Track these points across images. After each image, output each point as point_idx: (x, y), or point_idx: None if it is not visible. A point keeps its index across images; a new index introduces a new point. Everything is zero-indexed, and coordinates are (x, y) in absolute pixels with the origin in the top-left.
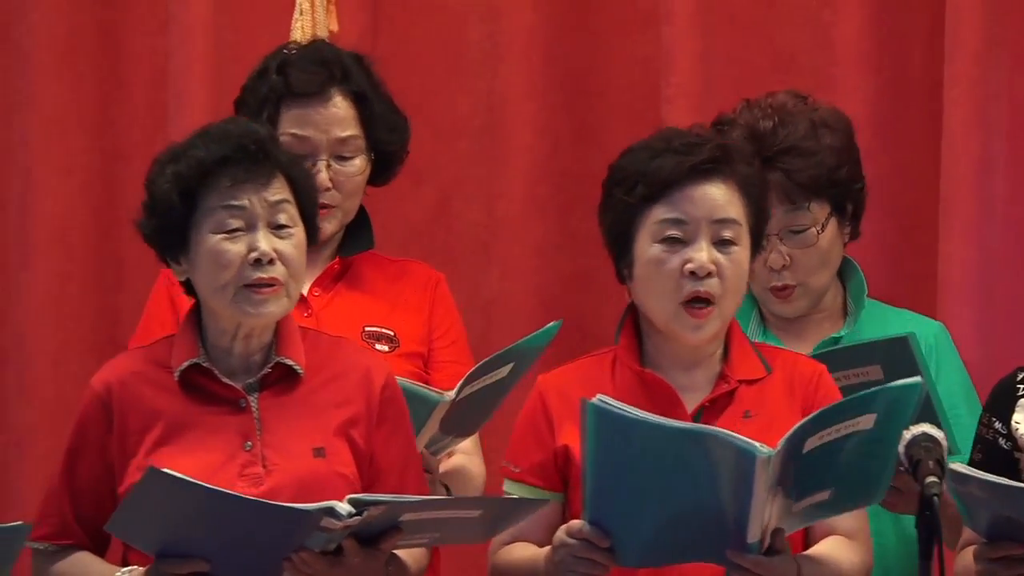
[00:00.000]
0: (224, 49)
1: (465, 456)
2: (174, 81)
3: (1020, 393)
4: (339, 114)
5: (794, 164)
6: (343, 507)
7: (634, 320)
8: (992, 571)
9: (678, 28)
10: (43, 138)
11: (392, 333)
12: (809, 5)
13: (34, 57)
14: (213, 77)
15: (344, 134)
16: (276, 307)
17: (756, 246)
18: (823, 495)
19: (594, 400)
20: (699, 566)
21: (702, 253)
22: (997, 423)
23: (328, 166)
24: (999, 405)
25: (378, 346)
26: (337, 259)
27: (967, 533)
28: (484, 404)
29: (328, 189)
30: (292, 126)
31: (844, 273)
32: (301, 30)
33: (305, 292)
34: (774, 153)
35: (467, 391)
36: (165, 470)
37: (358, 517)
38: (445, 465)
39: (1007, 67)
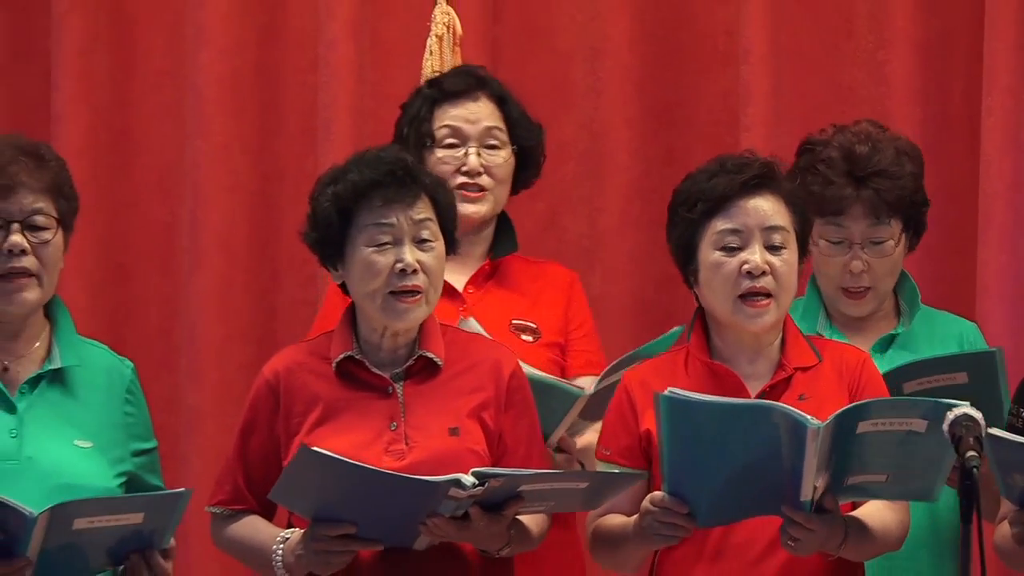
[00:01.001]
0: (365, 85)
1: (595, 434)
2: (322, 112)
3: None
4: (485, 109)
5: (883, 185)
6: (467, 479)
7: (702, 320)
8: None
9: (753, 67)
10: (211, 162)
11: (535, 326)
12: (866, 47)
13: (205, 93)
14: (355, 109)
15: (490, 124)
16: (417, 314)
17: (803, 248)
18: (879, 477)
19: (665, 392)
20: (760, 520)
21: (756, 256)
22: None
23: (478, 154)
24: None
25: (523, 336)
26: (487, 261)
27: (1004, 506)
28: (611, 395)
29: (480, 173)
30: (446, 120)
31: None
32: (431, 68)
33: (460, 289)
34: (867, 174)
35: (601, 385)
36: (315, 448)
37: (480, 488)
38: (580, 443)
39: None
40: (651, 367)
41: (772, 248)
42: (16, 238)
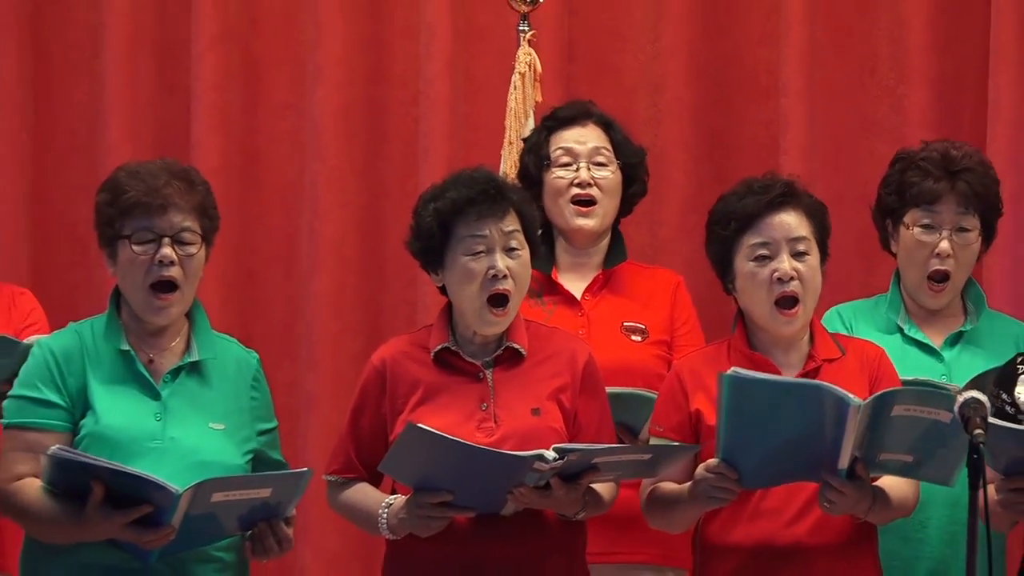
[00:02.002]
0: (458, 116)
1: None
2: (422, 140)
3: (1020, 372)
4: (593, 133)
5: (972, 179)
6: (549, 454)
7: (743, 318)
8: (1010, 499)
9: (791, 99)
10: (326, 181)
11: (643, 327)
12: (888, 83)
13: (321, 123)
14: (450, 136)
15: (598, 145)
16: (503, 324)
17: (823, 253)
18: (906, 457)
19: (728, 372)
20: (791, 488)
21: (784, 264)
22: (1004, 395)
23: (588, 168)
24: (1005, 381)
25: (633, 337)
26: (602, 271)
27: (989, 474)
28: None
29: (590, 185)
30: (560, 143)
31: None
32: (515, 100)
33: (579, 297)
34: (960, 169)
35: None
36: (420, 425)
37: (560, 461)
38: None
39: None
40: (699, 357)
41: (797, 255)
42: (167, 251)
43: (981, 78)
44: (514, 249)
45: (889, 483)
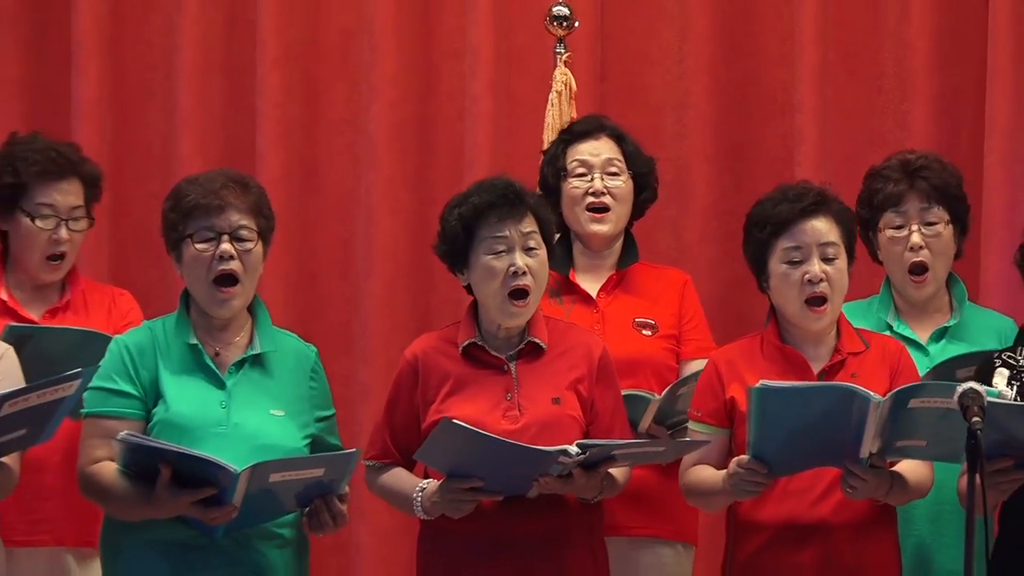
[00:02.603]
0: (500, 131)
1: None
2: (467, 152)
3: (996, 366)
4: (606, 145)
5: (931, 174)
6: (573, 449)
7: (775, 315)
8: (992, 481)
9: (805, 116)
10: (380, 191)
11: (653, 322)
12: (893, 100)
13: (375, 137)
14: (493, 149)
15: (610, 156)
16: (525, 315)
17: (851, 257)
18: (920, 442)
19: (757, 386)
20: (816, 471)
21: (814, 267)
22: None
23: (602, 178)
24: (984, 374)
25: (643, 332)
26: (615, 271)
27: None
28: (678, 400)
29: (604, 193)
30: (575, 155)
31: (948, 281)
32: (552, 116)
33: (594, 295)
34: (918, 167)
35: (683, 388)
36: (456, 420)
37: (583, 455)
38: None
39: None
40: (735, 349)
41: (826, 259)
42: (226, 246)
43: (979, 95)
44: (532, 248)
45: (906, 468)
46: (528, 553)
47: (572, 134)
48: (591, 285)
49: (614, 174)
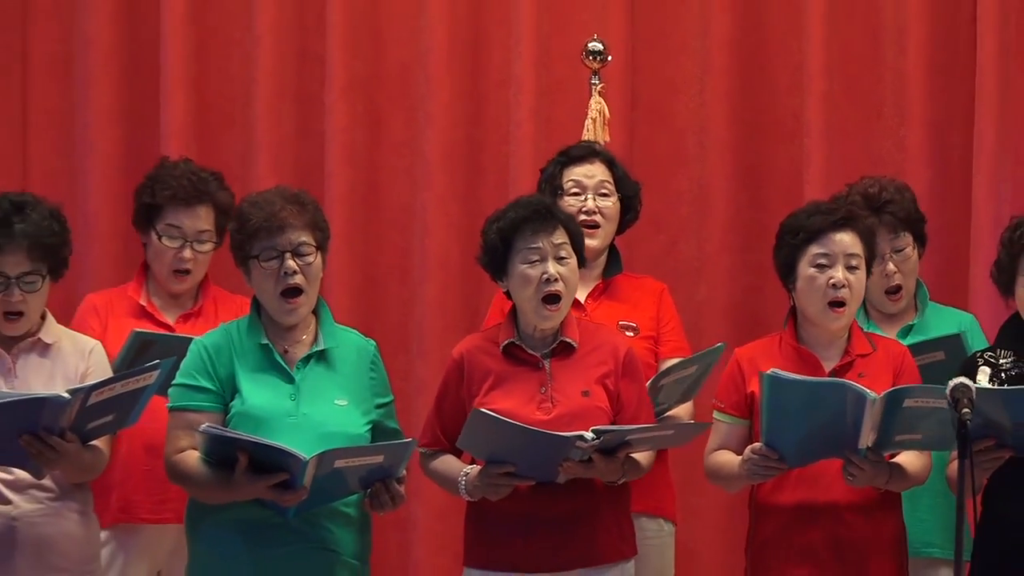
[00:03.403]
0: (541, 152)
1: (681, 409)
2: (512, 172)
3: (979, 364)
4: (598, 169)
5: (895, 208)
6: (588, 435)
7: (794, 317)
8: (975, 460)
9: (813, 139)
10: (434, 206)
11: (635, 325)
12: (891, 125)
13: (429, 159)
14: (535, 169)
15: (602, 179)
16: (558, 319)
17: (869, 269)
18: (916, 436)
19: (768, 372)
20: (828, 462)
21: (839, 274)
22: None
23: (594, 199)
24: (968, 370)
25: (627, 333)
26: (601, 280)
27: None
28: (685, 388)
29: (595, 212)
30: (571, 176)
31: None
32: (587, 139)
33: (583, 300)
34: (882, 204)
35: (671, 377)
36: (483, 409)
37: (597, 441)
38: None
39: (1011, 161)
40: (757, 347)
41: (849, 268)
42: (289, 263)
43: (968, 122)
44: (563, 257)
45: (905, 459)
46: (560, 530)
47: (568, 157)
48: (580, 292)
49: (605, 195)
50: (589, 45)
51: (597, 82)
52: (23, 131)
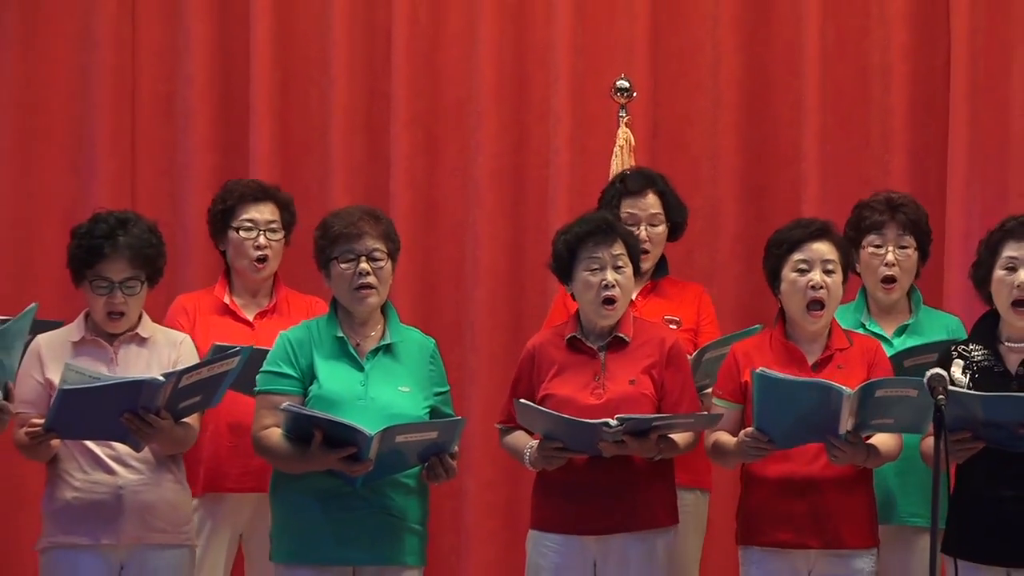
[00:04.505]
0: (576, 176)
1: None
2: (551, 192)
3: (953, 357)
4: (652, 200)
5: (908, 211)
6: (612, 422)
7: (783, 317)
8: (952, 448)
9: (809, 164)
10: (484, 222)
11: (678, 319)
12: (877, 153)
13: (480, 182)
14: (572, 190)
15: (655, 211)
16: (614, 317)
17: (845, 274)
18: (889, 420)
19: (757, 371)
20: (811, 446)
21: (817, 277)
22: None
23: (645, 230)
24: (944, 362)
25: (671, 326)
26: (649, 282)
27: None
28: (715, 364)
29: (647, 241)
30: (626, 208)
31: (909, 291)
32: (616, 164)
33: (634, 298)
34: (897, 205)
35: (705, 357)
36: (522, 400)
37: (620, 427)
38: None
39: (979, 183)
40: (750, 344)
41: (826, 272)
42: (364, 265)
43: (943, 150)
44: (620, 267)
45: (879, 440)
46: (608, 496)
47: (626, 188)
48: (633, 292)
49: (654, 225)
50: (617, 83)
51: (624, 115)
52: (132, 157)
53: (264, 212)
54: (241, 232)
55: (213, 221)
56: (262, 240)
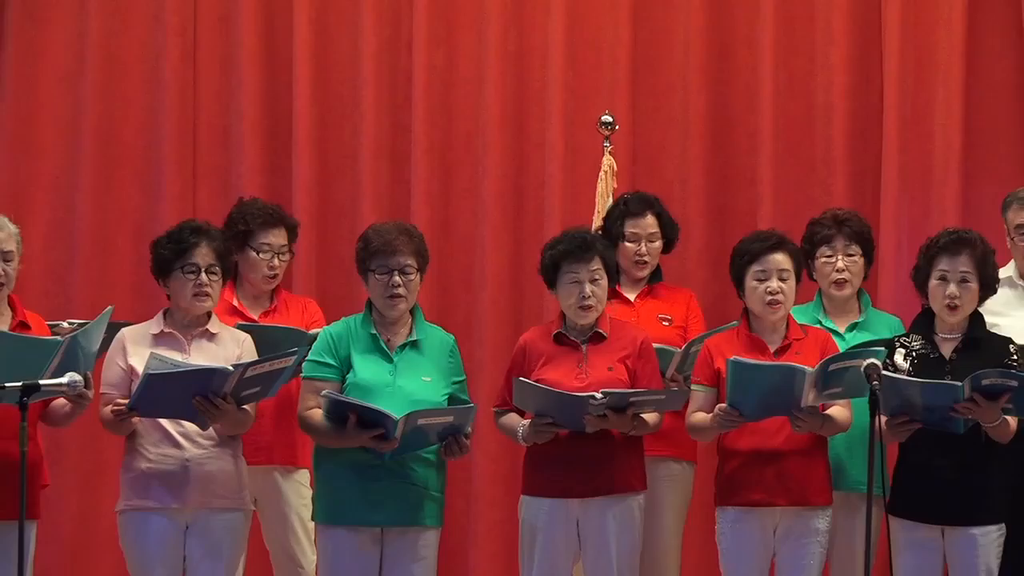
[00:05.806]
0: (568, 196)
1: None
2: (546, 209)
3: (896, 347)
4: (651, 220)
5: (853, 224)
6: (598, 395)
7: (747, 315)
8: (893, 430)
9: (765, 187)
10: (490, 236)
11: (670, 317)
12: (821, 176)
13: (487, 201)
14: (563, 208)
15: (653, 231)
16: (591, 319)
17: (798, 280)
18: (839, 390)
19: (732, 358)
20: (776, 421)
21: (773, 284)
22: (887, 360)
23: (645, 246)
24: (888, 350)
25: (664, 323)
26: (647, 287)
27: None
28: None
29: (645, 255)
30: (629, 227)
31: (858, 294)
32: (602, 186)
33: (632, 300)
34: (843, 219)
35: (692, 349)
36: (521, 378)
37: (605, 400)
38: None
39: (908, 203)
40: (721, 337)
41: (782, 280)
42: (396, 278)
43: (877, 175)
44: (596, 279)
45: (833, 411)
46: (588, 466)
47: (628, 209)
48: (630, 293)
49: (652, 241)
50: (602, 118)
51: (608, 145)
52: (193, 181)
53: (279, 237)
54: (260, 254)
55: (235, 237)
56: (276, 262)
